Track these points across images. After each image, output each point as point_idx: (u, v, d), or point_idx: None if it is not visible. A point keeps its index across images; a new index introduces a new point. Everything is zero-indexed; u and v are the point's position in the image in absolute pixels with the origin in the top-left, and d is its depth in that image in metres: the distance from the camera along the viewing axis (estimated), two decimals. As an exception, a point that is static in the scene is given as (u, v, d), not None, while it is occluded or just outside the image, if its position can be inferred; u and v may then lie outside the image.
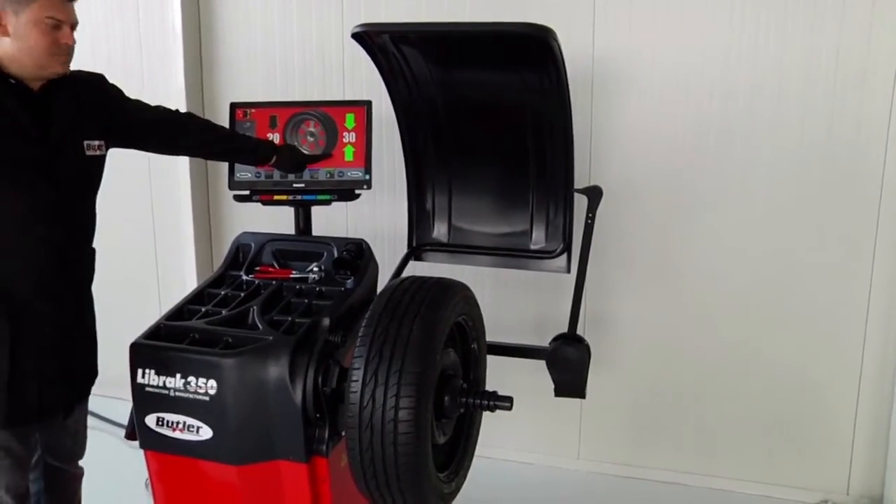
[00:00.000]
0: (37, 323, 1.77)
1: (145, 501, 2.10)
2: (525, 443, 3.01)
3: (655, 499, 2.77)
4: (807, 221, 2.59)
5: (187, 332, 1.81)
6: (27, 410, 1.79)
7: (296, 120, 2.35)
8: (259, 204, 2.34)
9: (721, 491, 2.78)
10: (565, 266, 2.35)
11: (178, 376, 1.72)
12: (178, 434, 1.72)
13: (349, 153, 2.33)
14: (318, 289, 2.04)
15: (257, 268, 2.14)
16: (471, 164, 2.39)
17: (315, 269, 2.11)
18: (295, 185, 2.33)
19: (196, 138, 2.10)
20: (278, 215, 2.58)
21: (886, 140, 2.48)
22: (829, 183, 2.55)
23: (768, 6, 2.52)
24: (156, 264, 3.36)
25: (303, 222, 2.34)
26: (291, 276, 2.10)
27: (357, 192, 2.33)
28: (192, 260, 3.23)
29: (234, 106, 2.38)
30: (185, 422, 1.72)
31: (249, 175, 2.34)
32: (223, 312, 1.91)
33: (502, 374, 2.27)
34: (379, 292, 1.80)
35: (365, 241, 2.15)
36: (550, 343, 2.22)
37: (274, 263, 2.16)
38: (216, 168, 3.17)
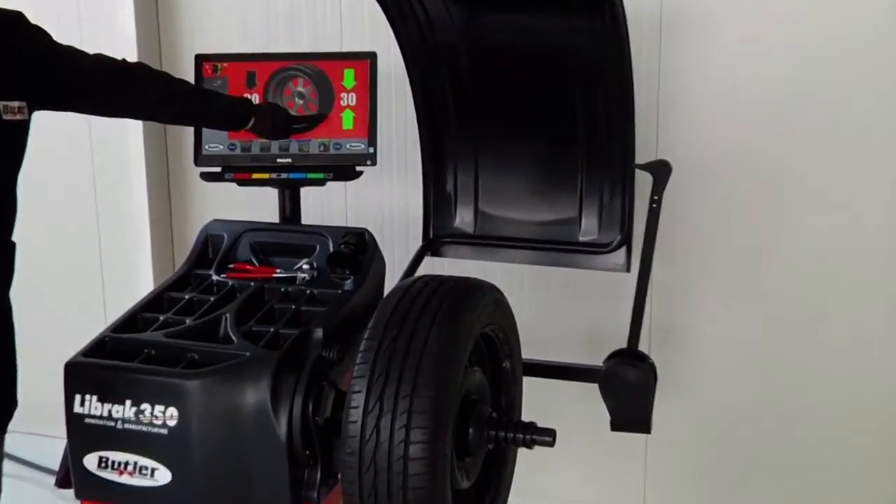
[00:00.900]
0: None
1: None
2: (573, 489, 3.02)
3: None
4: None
5: (140, 347, 1.84)
6: None
7: (280, 77, 2.38)
8: (234, 184, 2.38)
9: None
10: (624, 263, 2.36)
11: (128, 404, 1.73)
12: (127, 479, 1.73)
13: (348, 120, 2.36)
14: (309, 291, 2.07)
15: (231, 265, 2.17)
16: (502, 133, 2.41)
17: (305, 267, 2.13)
18: (279, 161, 2.36)
19: (149, 95, 2.01)
20: (258, 199, 2.60)
21: None
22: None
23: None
24: (99, 261, 3.40)
25: (289, 208, 2.37)
26: (275, 276, 2.13)
27: (358, 170, 2.36)
28: (147, 255, 3.27)
29: (201, 59, 2.41)
30: (137, 462, 1.73)
31: (221, 147, 2.38)
32: (187, 322, 1.94)
33: (543, 401, 2.27)
34: (386, 295, 1.82)
35: (368, 232, 2.18)
36: (605, 362, 2.23)
37: (252, 259, 2.19)
38: (178, 137, 3.21)
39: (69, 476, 1.78)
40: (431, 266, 2.58)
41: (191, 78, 2.40)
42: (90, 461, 1.75)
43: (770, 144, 2.67)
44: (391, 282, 2.09)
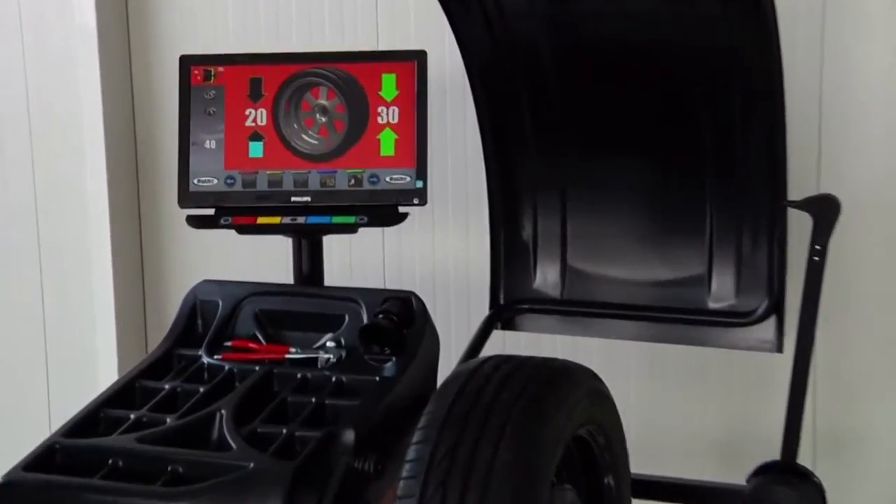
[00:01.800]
0: None
1: None
2: None
3: None
4: None
5: (103, 457, 1.85)
6: None
7: (296, 85, 2.42)
8: (232, 231, 2.40)
9: None
10: (773, 340, 2.34)
11: (88, 538, 1.75)
12: None
13: (388, 143, 2.39)
14: (335, 378, 2.09)
15: (228, 343, 2.20)
16: (600, 159, 2.43)
17: (329, 345, 2.16)
18: (294, 200, 2.39)
19: None
20: (265, 251, 2.65)
21: None
22: None
23: None
24: (44, 336, 3.46)
25: (308, 264, 2.39)
26: (288, 357, 2.15)
27: (402, 211, 2.38)
28: (111, 329, 3.32)
29: (188, 62, 2.46)
30: None
31: (215, 181, 2.42)
32: (168, 420, 1.96)
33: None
34: (441, 384, 1.84)
35: (415, 296, 2.19)
36: (750, 479, 2.20)
37: (258, 335, 2.22)
38: (153, 165, 3.29)
39: None
40: (502, 343, 2.60)
41: (173, 87, 2.46)
42: None
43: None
44: (447, 365, 2.11)
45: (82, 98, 3.27)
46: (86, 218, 3.34)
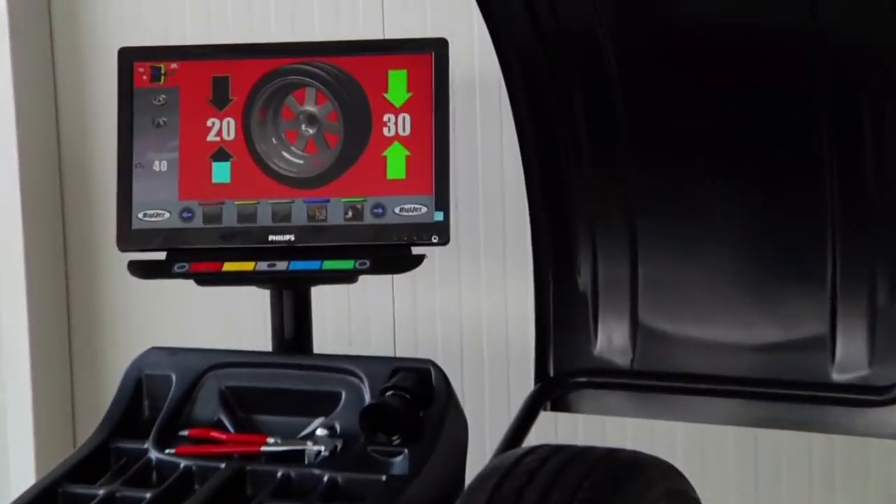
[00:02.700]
0: None
1: None
2: None
3: None
4: None
5: None
6: None
7: (274, 86, 2.47)
8: (190, 282, 2.45)
9: None
10: (919, 427, 2.36)
11: None
12: None
13: (397, 162, 2.44)
14: (328, 477, 2.11)
15: (185, 431, 2.23)
16: (681, 183, 2.45)
17: (321, 433, 2.19)
18: (274, 239, 2.44)
19: None
20: (235, 306, 2.69)
21: None
22: None
23: None
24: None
25: (292, 323, 2.44)
26: (265, 450, 2.19)
27: (417, 253, 2.42)
28: (27, 414, 3.36)
29: (130, 56, 2.51)
30: None
31: (167, 214, 2.46)
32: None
33: None
34: (469, 484, 1.87)
35: (434, 366, 2.22)
36: None
37: (223, 420, 2.26)
38: (87, 196, 3.33)
39: None
40: (553, 427, 2.64)
41: (111, 90, 2.52)
42: None
43: None
44: (479, 458, 2.14)
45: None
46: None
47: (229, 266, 2.42)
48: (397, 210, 2.43)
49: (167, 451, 2.20)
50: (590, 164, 2.49)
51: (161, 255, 2.46)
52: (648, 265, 2.50)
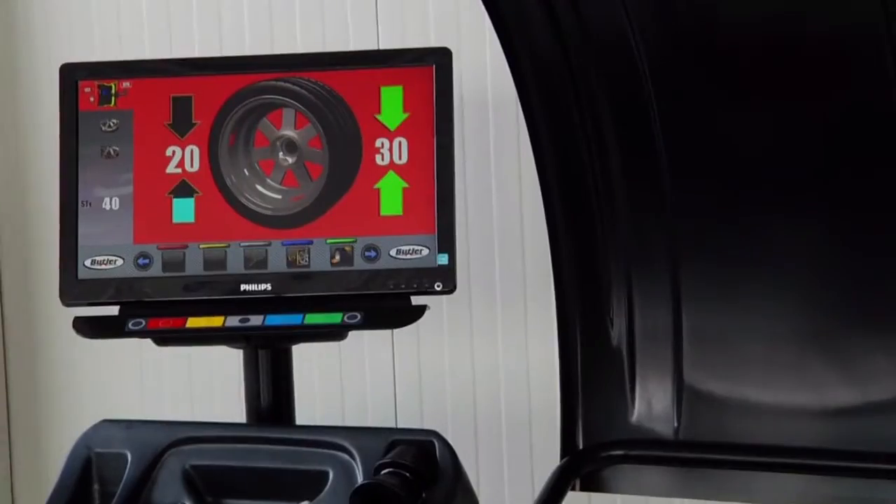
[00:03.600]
0: None
1: None
2: None
3: None
4: None
5: None
6: None
7: (246, 107, 2.48)
8: (148, 341, 2.45)
9: None
10: None
11: None
12: None
13: (392, 195, 2.44)
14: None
15: (142, 519, 2.23)
16: (733, 215, 2.43)
17: (303, 523, 2.19)
18: (247, 289, 2.44)
19: None
20: (202, 369, 2.69)
21: None
22: None
23: None
24: None
25: (269, 388, 2.44)
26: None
27: (417, 304, 2.42)
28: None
29: (74, 74, 2.52)
30: None
31: (119, 261, 2.46)
32: None
33: None
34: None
35: (439, 438, 2.22)
36: None
37: (187, 505, 2.27)
38: (24, 240, 3.31)
39: None
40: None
41: (52, 113, 2.52)
42: None
43: None
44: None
45: None
46: None
47: (194, 322, 2.42)
48: (393, 252, 2.43)
49: (120, 544, 2.19)
50: (623, 196, 2.48)
51: (113, 310, 2.45)
52: (694, 315, 2.49)
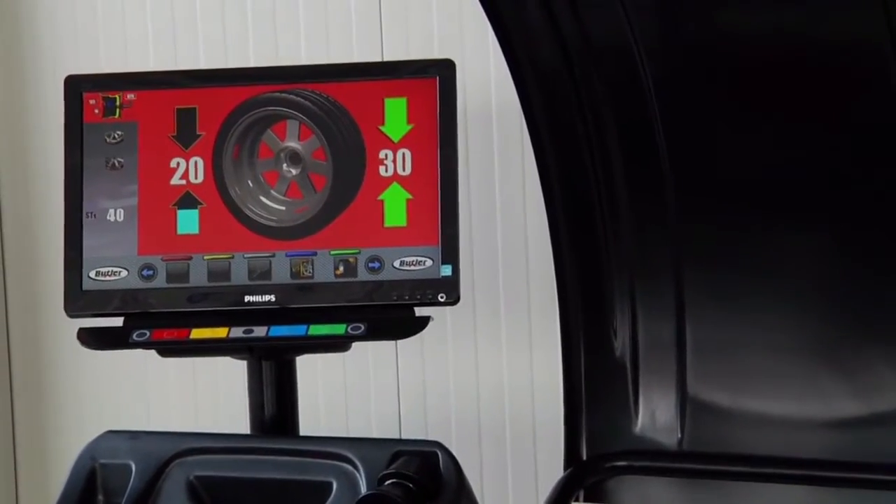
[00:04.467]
0: None
1: None
2: None
3: None
4: None
5: None
6: None
7: (250, 119, 2.48)
8: (152, 352, 2.46)
9: None
10: None
11: None
12: None
13: (396, 207, 2.45)
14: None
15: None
16: (739, 226, 2.44)
17: (307, 533, 2.19)
18: (251, 300, 2.44)
19: None
20: (207, 380, 2.70)
21: None
22: None
23: None
24: None
25: (273, 399, 2.44)
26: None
27: (421, 315, 2.43)
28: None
29: (79, 86, 2.52)
30: None
31: (124, 272, 2.46)
32: None
33: None
34: None
35: (443, 449, 2.22)
36: None
37: (192, 516, 2.26)
38: (30, 251, 3.34)
39: None
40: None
41: (57, 125, 2.53)
42: None
43: None
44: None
45: None
46: None
47: (198, 333, 2.42)
48: (397, 264, 2.43)
49: (125, 555, 2.20)
50: (626, 207, 2.49)
51: (117, 322, 2.46)
52: (697, 326, 2.50)
